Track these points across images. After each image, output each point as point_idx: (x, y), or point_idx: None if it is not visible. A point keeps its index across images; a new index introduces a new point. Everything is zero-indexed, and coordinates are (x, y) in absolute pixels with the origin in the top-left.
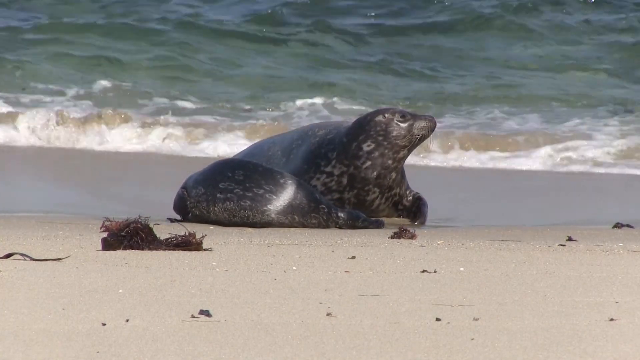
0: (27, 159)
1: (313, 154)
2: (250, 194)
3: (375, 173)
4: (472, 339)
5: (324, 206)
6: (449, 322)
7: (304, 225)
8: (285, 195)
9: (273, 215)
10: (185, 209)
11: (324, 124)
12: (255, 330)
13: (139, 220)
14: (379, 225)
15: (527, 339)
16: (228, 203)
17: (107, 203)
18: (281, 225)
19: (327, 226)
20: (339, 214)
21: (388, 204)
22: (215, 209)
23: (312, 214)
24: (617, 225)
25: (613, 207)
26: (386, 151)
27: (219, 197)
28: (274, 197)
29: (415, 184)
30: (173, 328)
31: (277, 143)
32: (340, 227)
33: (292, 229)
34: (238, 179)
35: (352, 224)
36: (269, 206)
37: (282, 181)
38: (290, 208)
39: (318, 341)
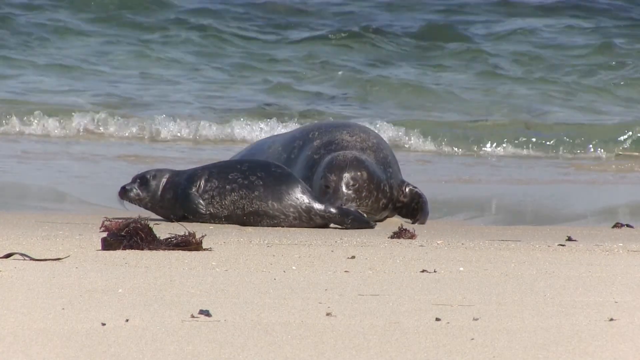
0: None
1: (311, 170)
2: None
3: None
4: (472, 339)
5: (306, 204)
6: (448, 322)
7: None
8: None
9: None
10: (195, 210)
11: (323, 125)
12: (255, 330)
13: (139, 220)
14: (368, 224)
15: (527, 339)
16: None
17: None
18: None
19: (307, 224)
20: (330, 210)
21: (390, 209)
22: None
23: (289, 202)
24: (617, 225)
25: None
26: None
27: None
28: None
29: None
30: (173, 328)
31: (277, 142)
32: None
33: (292, 228)
34: (257, 183)
35: (340, 220)
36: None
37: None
38: (271, 195)
39: (318, 341)
